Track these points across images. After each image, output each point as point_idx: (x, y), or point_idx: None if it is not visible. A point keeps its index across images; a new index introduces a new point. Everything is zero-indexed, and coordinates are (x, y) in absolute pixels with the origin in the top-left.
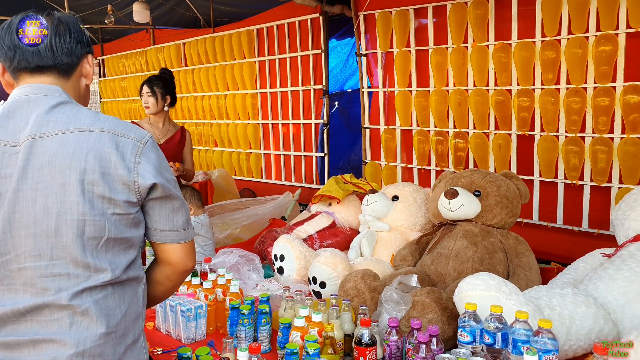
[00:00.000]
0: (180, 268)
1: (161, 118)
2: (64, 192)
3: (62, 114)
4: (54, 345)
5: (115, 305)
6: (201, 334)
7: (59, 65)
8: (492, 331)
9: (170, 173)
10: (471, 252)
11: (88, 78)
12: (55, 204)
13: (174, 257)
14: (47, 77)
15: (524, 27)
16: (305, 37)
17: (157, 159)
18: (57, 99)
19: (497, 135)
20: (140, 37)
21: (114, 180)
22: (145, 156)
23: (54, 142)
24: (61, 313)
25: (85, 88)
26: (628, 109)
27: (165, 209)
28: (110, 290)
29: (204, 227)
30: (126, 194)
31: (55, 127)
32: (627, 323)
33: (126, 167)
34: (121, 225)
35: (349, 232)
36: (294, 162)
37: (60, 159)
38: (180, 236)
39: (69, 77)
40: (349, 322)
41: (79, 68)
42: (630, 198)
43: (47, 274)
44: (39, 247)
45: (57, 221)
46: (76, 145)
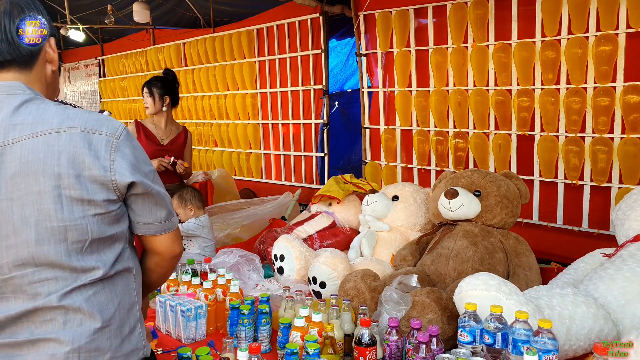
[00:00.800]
0: (168, 255)
1: (162, 118)
2: (40, 200)
3: (28, 115)
4: (51, 343)
5: (107, 300)
6: (201, 334)
7: (18, 58)
8: (492, 331)
9: (149, 165)
10: (471, 252)
11: (53, 64)
12: (32, 213)
13: (160, 246)
14: (7, 73)
15: (524, 27)
16: (305, 37)
17: (133, 153)
18: (21, 97)
19: (497, 135)
20: (140, 37)
21: (90, 181)
22: (120, 152)
23: (23, 148)
24: (54, 313)
25: (51, 75)
26: (628, 109)
27: (146, 203)
28: (100, 286)
29: (205, 228)
30: (105, 193)
31: (23, 132)
32: (627, 323)
33: (101, 167)
34: (103, 225)
35: (349, 232)
36: (294, 162)
37: (32, 166)
38: (165, 227)
39: (32, 68)
40: (349, 322)
41: (41, 55)
42: (630, 198)
43: (35, 280)
44: (21, 257)
45: (37, 230)
46: (47, 149)
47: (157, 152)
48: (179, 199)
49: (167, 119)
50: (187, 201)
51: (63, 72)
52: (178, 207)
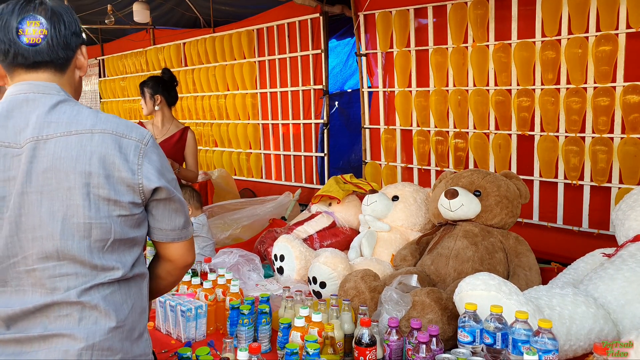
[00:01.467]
0: (180, 264)
1: (159, 118)
2: (69, 196)
3: (62, 114)
4: (64, 339)
5: (122, 301)
6: (201, 334)
7: (55, 60)
8: (492, 331)
9: (171, 172)
10: (471, 252)
11: (82, 70)
12: (61, 208)
13: (175, 254)
14: (43, 73)
15: (524, 27)
16: (305, 37)
17: (159, 160)
18: (56, 97)
19: (497, 135)
20: (140, 37)
21: (118, 183)
22: (148, 158)
23: (57, 145)
24: (70, 309)
25: (78, 80)
26: (628, 109)
27: (167, 209)
28: (117, 287)
29: (205, 227)
30: (131, 195)
31: (57, 129)
32: (627, 323)
33: (130, 169)
34: (126, 227)
35: (349, 232)
36: (294, 162)
37: (65, 162)
38: (181, 235)
39: (65, 72)
40: (349, 322)
41: (73, 61)
42: (630, 198)
43: (56, 274)
44: (46, 250)
45: (63, 225)
46: (79, 148)
47: None
48: None
49: (163, 118)
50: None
51: None
52: None
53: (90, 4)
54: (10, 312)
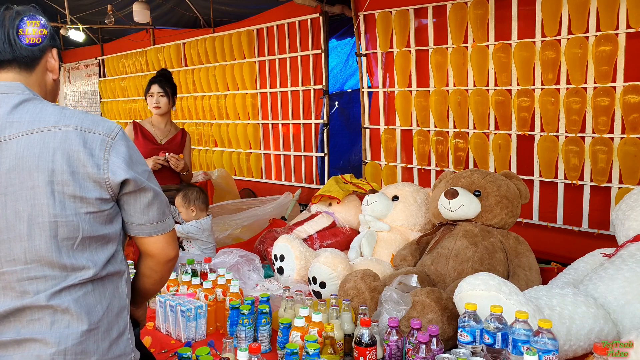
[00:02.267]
0: (162, 258)
1: (165, 119)
2: (34, 195)
3: (25, 113)
4: (37, 344)
5: (95, 302)
6: (201, 334)
7: (18, 58)
8: (492, 331)
9: (143, 165)
10: (471, 252)
11: (54, 73)
12: (26, 208)
13: (153, 248)
14: (8, 72)
15: (524, 27)
16: (305, 37)
17: (128, 152)
18: (20, 96)
19: (497, 135)
20: (140, 37)
21: (84, 179)
22: (115, 151)
23: (19, 144)
24: (42, 313)
25: (52, 83)
26: (628, 109)
27: (139, 202)
28: (90, 287)
29: (205, 232)
30: (98, 191)
31: (20, 128)
32: (627, 323)
33: (95, 164)
34: (96, 223)
35: (349, 232)
36: (294, 162)
37: (27, 161)
38: (157, 228)
39: (32, 72)
40: (349, 322)
41: (42, 62)
42: (630, 198)
43: (24, 278)
44: (13, 252)
45: (29, 225)
46: (42, 145)
47: (154, 150)
48: (183, 197)
49: (168, 119)
50: (191, 201)
51: (63, 72)
52: (181, 206)
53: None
54: None
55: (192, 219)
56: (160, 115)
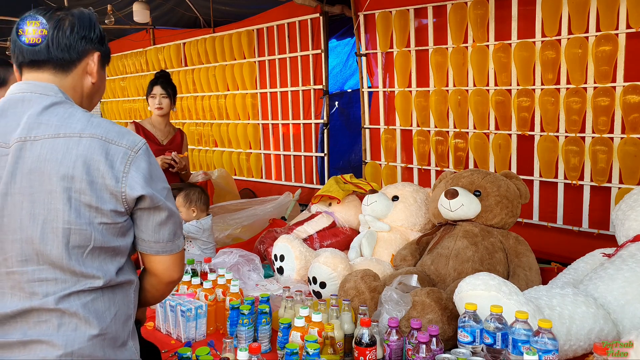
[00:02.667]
0: (165, 279)
1: (165, 119)
2: (51, 200)
3: (54, 116)
4: (43, 345)
5: (104, 308)
6: (201, 334)
7: (53, 60)
8: (492, 331)
9: (163, 182)
10: (471, 252)
11: (93, 76)
12: (41, 211)
13: (158, 267)
14: (42, 73)
15: (524, 27)
16: (305, 37)
17: (148, 168)
18: (52, 99)
19: (497, 135)
20: (140, 37)
21: (101, 190)
22: (136, 165)
23: (43, 147)
24: (49, 315)
25: (90, 87)
26: (628, 109)
27: (152, 220)
28: (99, 293)
29: (206, 232)
30: (113, 203)
31: (46, 131)
32: (627, 323)
33: (114, 177)
34: (108, 235)
35: (349, 232)
36: (294, 162)
37: (48, 165)
38: (166, 248)
39: (67, 74)
40: (349, 322)
41: (80, 65)
42: (630, 198)
43: (35, 279)
44: (25, 253)
45: (43, 228)
46: (65, 151)
47: (158, 152)
48: (184, 197)
49: (167, 120)
50: (192, 202)
51: None
52: (182, 206)
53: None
54: None
55: (192, 219)
56: (162, 116)
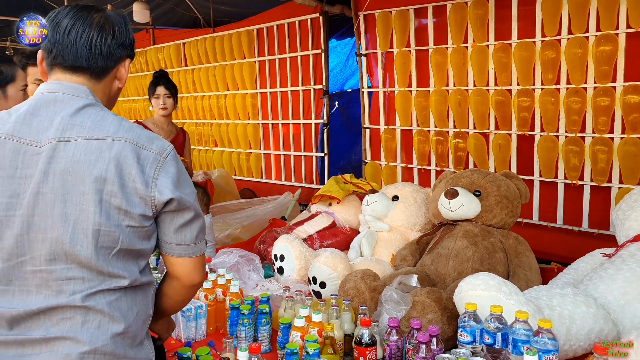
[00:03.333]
0: (186, 282)
1: (168, 119)
2: (82, 200)
3: (87, 118)
4: (67, 342)
5: (128, 307)
6: (201, 334)
7: (93, 68)
8: (492, 331)
9: (191, 186)
10: (471, 252)
11: (121, 81)
12: (73, 212)
13: (180, 270)
14: (78, 77)
15: (524, 27)
16: (305, 37)
17: (177, 173)
18: (84, 100)
19: (497, 135)
20: (140, 37)
21: (131, 193)
22: (165, 170)
23: (77, 148)
24: (74, 312)
25: (117, 90)
26: (628, 109)
27: (175, 222)
28: (123, 293)
29: (208, 229)
30: (142, 207)
31: (80, 133)
32: (627, 323)
33: (144, 181)
34: (134, 237)
35: (349, 232)
36: (294, 162)
37: (82, 166)
38: (188, 250)
39: (101, 80)
40: (349, 322)
41: (113, 72)
42: (630, 198)
43: (62, 277)
44: (55, 252)
45: (74, 229)
46: (99, 153)
47: None
48: None
49: (170, 120)
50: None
51: None
52: None
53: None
54: (15, 313)
55: None
56: (165, 116)
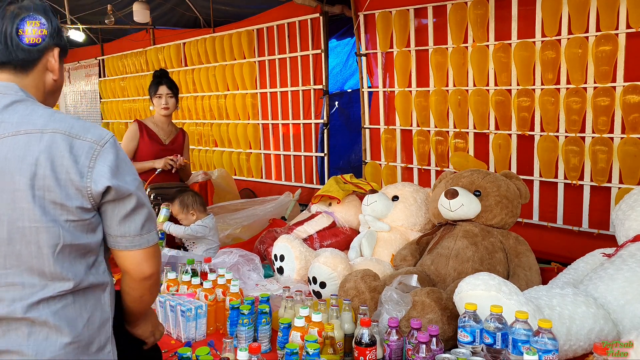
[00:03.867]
0: (136, 275)
1: (169, 119)
2: (15, 199)
3: (14, 114)
4: (14, 356)
5: (76, 315)
6: (201, 334)
7: (14, 61)
8: (492, 331)
9: (133, 174)
10: (471, 252)
11: (54, 73)
12: (6, 211)
13: (128, 264)
14: (3, 73)
15: (524, 27)
16: (305, 37)
17: (115, 161)
18: (12, 97)
19: (497, 135)
20: (140, 37)
21: (66, 186)
22: (102, 159)
23: (4, 145)
24: (18, 324)
25: (52, 84)
26: (628, 109)
27: (117, 213)
28: (70, 299)
29: (212, 230)
30: (79, 199)
31: (7, 129)
32: (627, 323)
33: (79, 172)
34: (77, 232)
35: (349, 232)
36: (294, 162)
37: (11, 164)
38: (134, 242)
39: (28, 73)
40: (349, 322)
41: (41, 63)
42: (630, 198)
43: (2, 284)
44: None
45: (9, 229)
46: (27, 148)
47: (161, 152)
48: (180, 204)
49: (170, 119)
50: (189, 206)
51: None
52: (180, 213)
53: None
54: None
55: (193, 221)
56: (166, 116)
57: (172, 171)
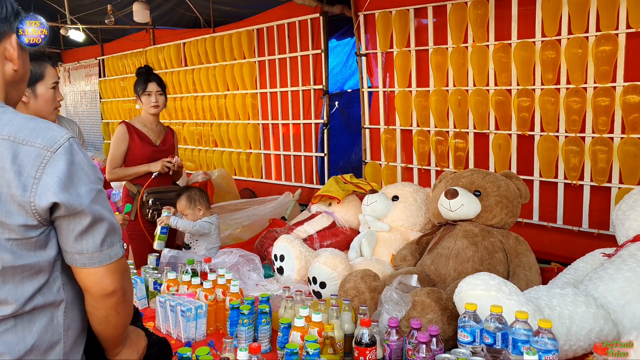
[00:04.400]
0: (96, 293)
1: (157, 119)
2: None
3: None
4: None
5: (17, 340)
6: (201, 334)
7: None
8: (492, 331)
9: (89, 184)
10: (471, 252)
11: (14, 62)
12: None
13: (86, 281)
14: None
15: (524, 27)
16: (305, 37)
17: (68, 170)
18: None
19: (497, 135)
20: (140, 37)
21: (6, 201)
22: (51, 168)
23: None
24: None
25: (13, 74)
26: (628, 109)
27: (72, 229)
28: (11, 323)
29: (217, 229)
30: (22, 216)
31: None
32: (627, 323)
33: (21, 185)
34: (21, 251)
35: (349, 232)
36: (294, 162)
37: None
38: (93, 260)
39: None
40: (349, 322)
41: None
42: (630, 198)
43: None
44: None
45: None
46: None
47: (154, 153)
48: (187, 199)
49: (158, 119)
50: (196, 201)
51: (63, 72)
52: (187, 208)
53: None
54: None
55: (199, 218)
56: (155, 114)
57: (170, 173)
